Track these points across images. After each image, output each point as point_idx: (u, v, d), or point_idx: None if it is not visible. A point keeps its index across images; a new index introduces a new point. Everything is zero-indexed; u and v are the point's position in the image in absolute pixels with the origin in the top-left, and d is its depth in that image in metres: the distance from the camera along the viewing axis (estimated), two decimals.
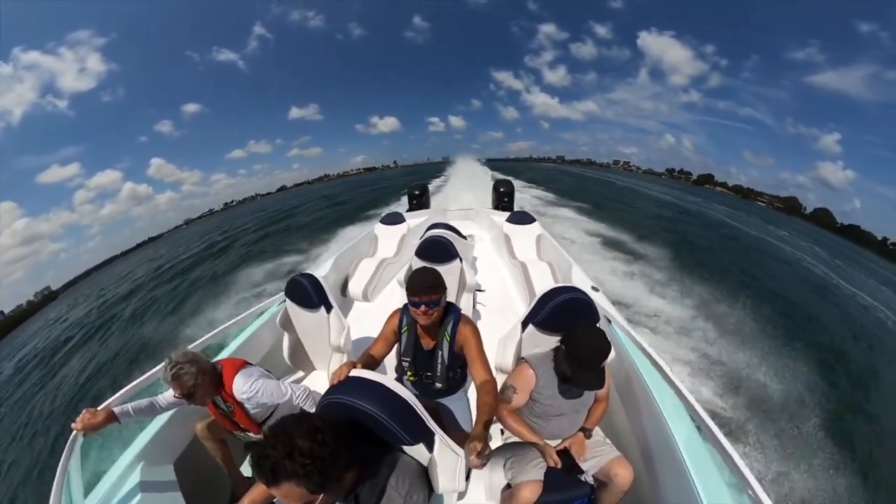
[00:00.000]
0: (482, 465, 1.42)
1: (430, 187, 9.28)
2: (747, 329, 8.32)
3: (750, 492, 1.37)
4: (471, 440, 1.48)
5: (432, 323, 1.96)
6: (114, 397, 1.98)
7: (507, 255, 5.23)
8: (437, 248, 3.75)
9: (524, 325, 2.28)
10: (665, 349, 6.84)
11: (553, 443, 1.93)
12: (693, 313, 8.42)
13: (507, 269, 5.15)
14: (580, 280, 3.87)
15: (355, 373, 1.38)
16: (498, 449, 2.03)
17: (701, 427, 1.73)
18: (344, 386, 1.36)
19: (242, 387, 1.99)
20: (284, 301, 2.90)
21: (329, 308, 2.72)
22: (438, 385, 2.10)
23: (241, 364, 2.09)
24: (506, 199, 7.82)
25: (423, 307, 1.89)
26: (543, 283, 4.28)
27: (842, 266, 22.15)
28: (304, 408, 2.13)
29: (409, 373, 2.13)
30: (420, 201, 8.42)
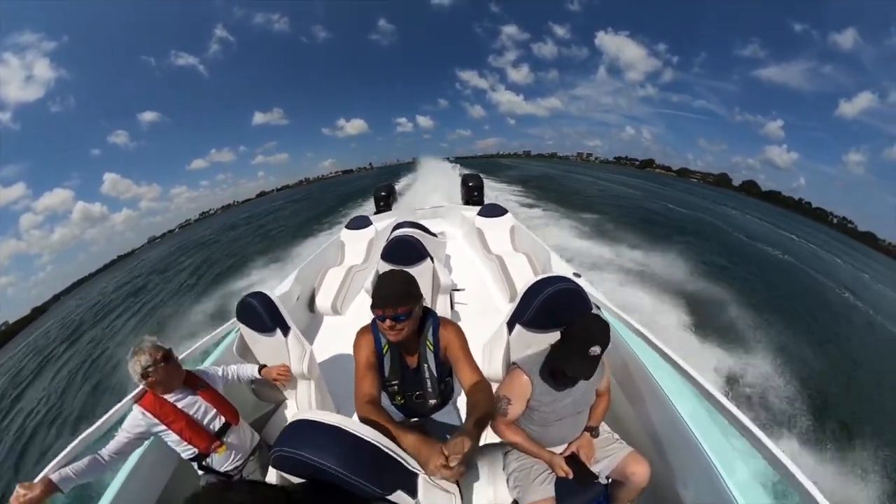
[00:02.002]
0: (458, 475, 1.10)
1: (398, 188, 8.86)
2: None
3: (769, 457, 1.27)
4: (455, 440, 1.17)
5: (408, 337, 1.58)
6: (52, 463, 1.58)
7: (481, 250, 4.92)
8: (405, 249, 3.26)
9: (510, 325, 1.96)
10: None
11: (558, 449, 1.71)
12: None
13: (484, 265, 4.84)
14: (560, 268, 3.61)
15: (308, 415, 1.05)
16: (498, 459, 1.77)
17: (710, 401, 1.58)
18: (293, 435, 1.03)
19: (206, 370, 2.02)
20: (239, 327, 2.41)
21: (286, 330, 2.23)
22: (432, 401, 1.77)
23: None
24: (475, 194, 7.43)
25: (388, 321, 1.47)
26: (523, 275, 4.02)
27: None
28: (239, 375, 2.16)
29: (397, 397, 1.77)
30: (387, 203, 7.92)
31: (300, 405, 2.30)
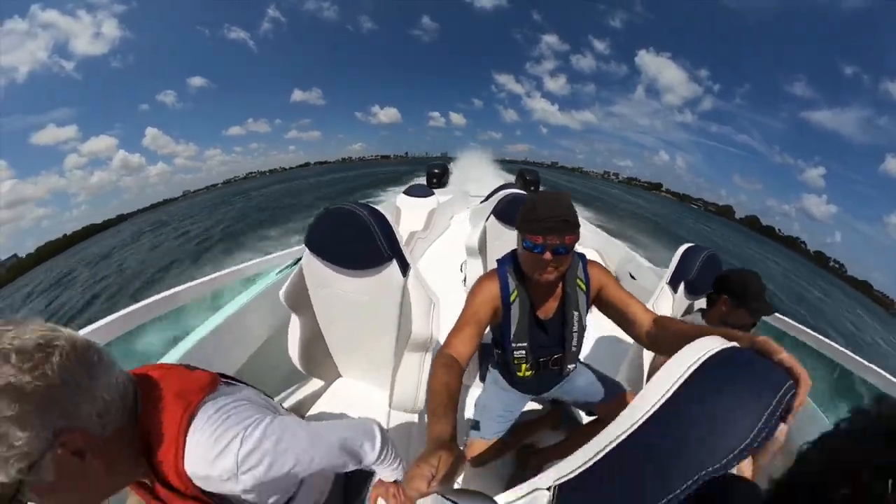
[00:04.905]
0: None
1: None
2: None
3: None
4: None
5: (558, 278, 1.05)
6: None
7: None
8: None
9: (673, 285, 1.64)
10: None
11: None
12: None
13: None
14: (649, 271, 3.01)
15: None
16: None
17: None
18: None
19: (208, 454, 0.53)
20: (299, 262, 1.38)
21: (405, 267, 1.27)
22: (570, 367, 1.19)
23: (200, 390, 0.59)
24: (532, 189, 6.78)
25: (548, 253, 0.94)
26: None
27: None
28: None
29: (524, 366, 1.15)
30: (441, 180, 7.34)
31: (398, 399, 1.38)
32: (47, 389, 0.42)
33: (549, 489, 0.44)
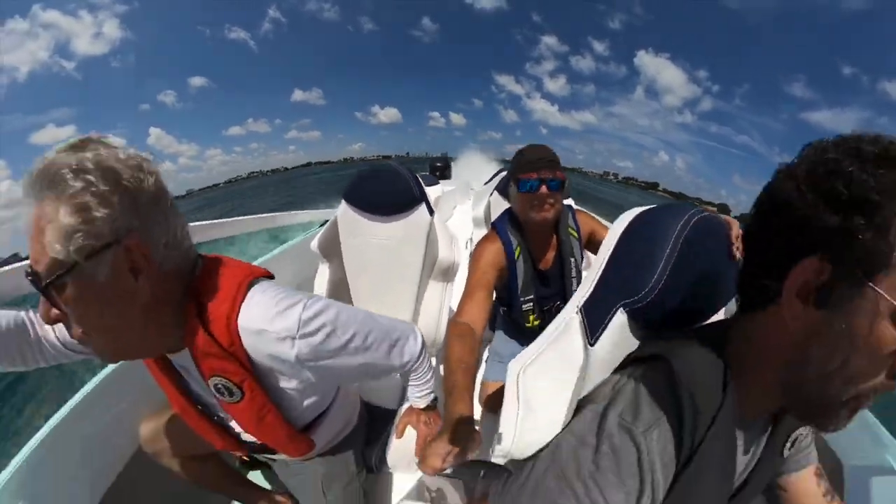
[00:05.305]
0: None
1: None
2: None
3: None
4: None
5: (553, 221, 1.11)
6: None
7: None
8: None
9: None
10: None
11: None
12: None
13: None
14: None
15: None
16: None
17: None
18: None
19: (267, 312, 0.53)
20: (326, 224, 1.47)
21: (431, 210, 1.38)
22: None
23: (252, 275, 0.58)
24: None
25: (544, 188, 1.01)
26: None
27: None
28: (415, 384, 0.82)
29: (531, 316, 1.22)
30: (443, 173, 7.39)
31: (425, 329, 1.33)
32: (138, 190, 0.44)
33: (577, 312, 0.53)
